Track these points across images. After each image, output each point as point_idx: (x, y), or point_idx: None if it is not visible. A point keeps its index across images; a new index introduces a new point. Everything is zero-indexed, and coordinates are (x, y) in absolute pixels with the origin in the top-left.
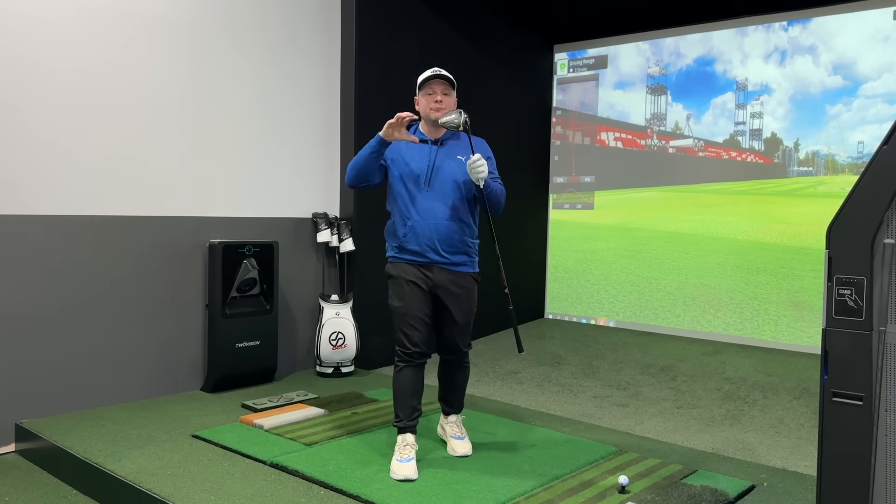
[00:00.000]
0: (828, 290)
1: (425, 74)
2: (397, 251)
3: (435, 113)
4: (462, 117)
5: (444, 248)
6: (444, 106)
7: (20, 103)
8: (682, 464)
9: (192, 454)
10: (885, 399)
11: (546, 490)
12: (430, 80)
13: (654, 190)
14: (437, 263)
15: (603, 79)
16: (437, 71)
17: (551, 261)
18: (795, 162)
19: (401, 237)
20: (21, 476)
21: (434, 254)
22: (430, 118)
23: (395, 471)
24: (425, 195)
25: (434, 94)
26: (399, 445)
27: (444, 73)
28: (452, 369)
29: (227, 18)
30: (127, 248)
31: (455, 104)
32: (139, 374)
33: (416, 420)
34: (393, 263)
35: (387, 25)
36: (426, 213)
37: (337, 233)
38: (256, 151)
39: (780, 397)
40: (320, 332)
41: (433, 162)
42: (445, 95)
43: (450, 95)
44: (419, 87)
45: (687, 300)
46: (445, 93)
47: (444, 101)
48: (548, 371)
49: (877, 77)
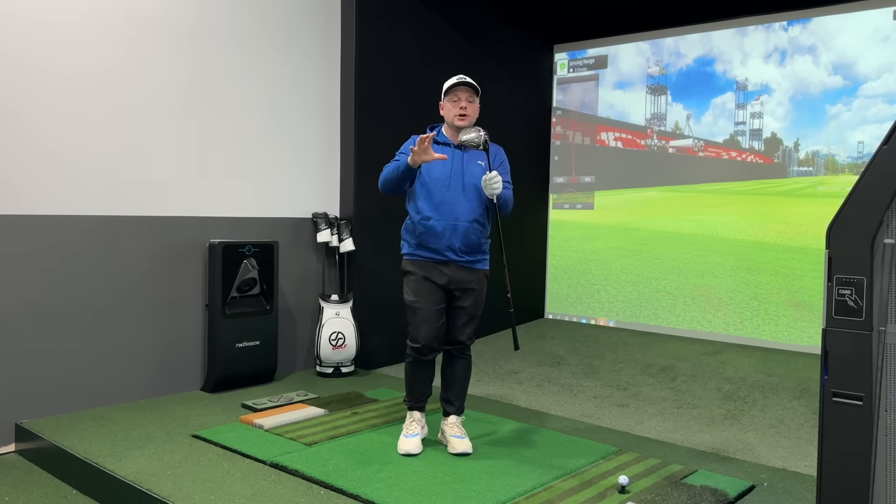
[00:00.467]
0: (828, 290)
1: (451, 81)
2: (415, 248)
3: (459, 121)
4: (482, 136)
5: (462, 247)
6: (468, 113)
7: (20, 105)
8: (682, 464)
9: (192, 454)
10: (885, 399)
11: (546, 490)
12: (456, 88)
13: (654, 190)
14: (455, 261)
15: (603, 79)
16: (463, 78)
17: (551, 261)
18: (795, 162)
19: (420, 235)
20: (21, 476)
21: (452, 253)
22: (454, 124)
23: (399, 445)
24: (447, 197)
25: (459, 100)
26: (406, 422)
27: (469, 80)
28: (454, 359)
29: (227, 20)
30: (127, 248)
31: (478, 111)
32: (139, 374)
33: (424, 401)
34: (410, 260)
35: (387, 25)
36: (447, 214)
37: (337, 233)
38: (256, 151)
39: (780, 397)
40: (320, 332)
41: (456, 166)
42: (470, 103)
43: (474, 102)
44: (444, 93)
45: (687, 300)
46: (470, 100)
47: (468, 109)
48: (548, 371)
49: (877, 77)
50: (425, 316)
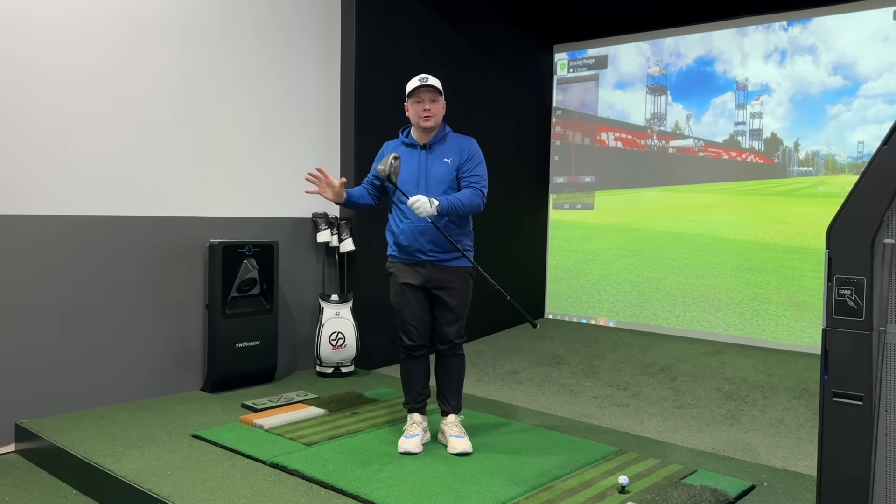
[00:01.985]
0: (828, 290)
1: (413, 84)
2: (394, 250)
3: (425, 122)
4: (388, 168)
5: (432, 247)
6: (432, 114)
7: (19, 105)
8: (682, 464)
9: (192, 454)
10: (885, 399)
11: (546, 490)
12: (418, 89)
13: (654, 190)
14: (429, 261)
15: (603, 79)
16: (425, 80)
17: (551, 261)
18: (795, 162)
19: (396, 237)
20: (21, 476)
21: (422, 254)
22: (419, 125)
23: (399, 445)
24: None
25: (422, 101)
26: (407, 424)
27: (431, 81)
28: (446, 359)
29: (228, 19)
30: (127, 248)
31: (443, 108)
32: (139, 374)
33: (423, 402)
34: (392, 262)
35: (387, 25)
36: (415, 215)
37: (337, 233)
38: (256, 151)
39: (780, 397)
40: (320, 332)
41: (422, 166)
42: (433, 102)
43: (437, 101)
44: (408, 95)
45: (687, 300)
46: (433, 100)
47: (432, 109)
48: (548, 371)
49: (877, 77)
50: (408, 316)
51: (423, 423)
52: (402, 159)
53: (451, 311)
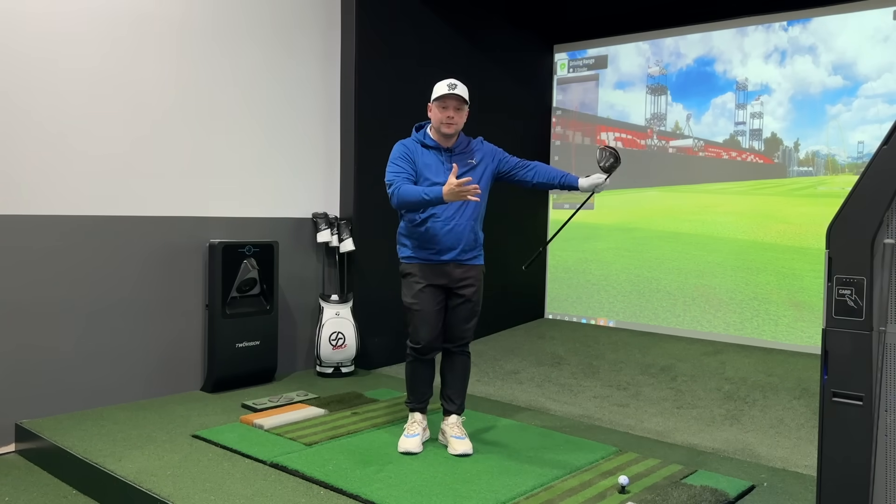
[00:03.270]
0: (828, 290)
1: (441, 90)
2: (415, 250)
3: (447, 128)
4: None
5: (462, 247)
6: (455, 121)
7: (22, 105)
8: (682, 464)
9: (192, 454)
10: (885, 399)
11: (546, 490)
12: (446, 96)
13: (654, 190)
14: (455, 260)
15: (603, 79)
16: (453, 87)
17: (551, 261)
18: (795, 162)
19: (420, 238)
20: (21, 476)
21: (453, 252)
22: (440, 131)
23: (399, 445)
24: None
25: (447, 108)
26: (408, 423)
27: (459, 90)
28: (454, 356)
29: (228, 19)
30: (127, 248)
31: (466, 117)
32: (139, 374)
33: (426, 402)
34: (410, 263)
35: (387, 25)
36: (448, 218)
37: (337, 233)
38: (257, 151)
39: (780, 397)
40: (320, 332)
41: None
42: (458, 111)
43: (462, 110)
44: (434, 98)
45: (687, 300)
46: (458, 108)
47: (455, 118)
48: (548, 371)
49: (877, 77)
50: (424, 317)
51: (423, 423)
52: (427, 168)
53: (468, 309)
